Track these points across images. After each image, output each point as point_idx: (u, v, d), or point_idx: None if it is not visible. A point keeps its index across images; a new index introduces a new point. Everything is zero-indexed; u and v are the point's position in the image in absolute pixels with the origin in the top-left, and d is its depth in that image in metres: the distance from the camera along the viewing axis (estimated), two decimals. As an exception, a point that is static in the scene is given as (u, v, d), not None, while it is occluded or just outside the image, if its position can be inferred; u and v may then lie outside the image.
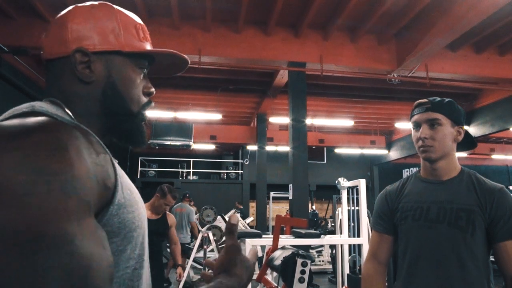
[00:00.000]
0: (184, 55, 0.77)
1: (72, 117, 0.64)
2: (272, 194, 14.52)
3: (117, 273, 0.59)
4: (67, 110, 0.65)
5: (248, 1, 5.81)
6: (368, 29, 6.74)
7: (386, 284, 1.55)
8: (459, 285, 1.27)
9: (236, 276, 0.65)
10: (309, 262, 2.63)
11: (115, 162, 0.63)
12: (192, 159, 15.34)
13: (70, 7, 0.71)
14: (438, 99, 1.42)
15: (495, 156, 15.58)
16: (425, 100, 1.42)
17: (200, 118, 11.58)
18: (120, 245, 0.59)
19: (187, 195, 7.44)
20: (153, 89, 0.76)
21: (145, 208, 3.05)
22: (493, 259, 1.31)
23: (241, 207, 11.28)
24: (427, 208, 1.36)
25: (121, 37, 0.70)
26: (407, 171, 14.17)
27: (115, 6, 0.73)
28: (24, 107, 0.60)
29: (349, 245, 4.96)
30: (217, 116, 10.82)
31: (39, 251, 0.42)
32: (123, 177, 0.63)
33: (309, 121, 11.09)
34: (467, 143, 1.47)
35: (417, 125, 1.42)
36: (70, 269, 0.44)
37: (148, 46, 0.75)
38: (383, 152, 14.95)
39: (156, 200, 3.38)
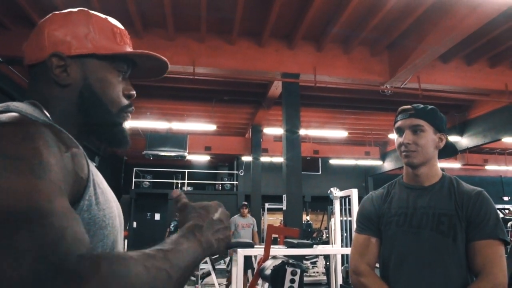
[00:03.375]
0: (161, 56, 0.78)
1: (50, 118, 0.66)
2: (267, 205, 14.46)
3: None
4: (45, 112, 0.66)
5: (242, 13, 5.88)
6: (361, 41, 6.83)
7: None
8: None
9: (194, 218, 0.65)
10: (298, 271, 2.61)
11: (89, 161, 0.64)
12: (187, 170, 15.29)
13: (49, 15, 0.73)
14: (422, 106, 1.45)
15: (488, 167, 15.67)
16: (408, 106, 1.46)
17: (194, 129, 11.59)
18: (90, 242, 0.58)
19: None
20: (133, 91, 0.77)
21: None
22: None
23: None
24: (410, 214, 1.38)
25: (96, 41, 0.72)
26: (401, 182, 14.19)
27: (92, 12, 0.75)
28: None
29: (342, 256, 4.94)
30: (211, 127, 10.83)
31: (13, 229, 0.43)
32: (97, 175, 0.65)
33: (303, 132, 11.11)
34: (449, 150, 1.49)
35: (400, 131, 1.44)
36: (43, 241, 0.44)
37: (127, 50, 0.76)
38: (378, 163, 14.99)
39: None
